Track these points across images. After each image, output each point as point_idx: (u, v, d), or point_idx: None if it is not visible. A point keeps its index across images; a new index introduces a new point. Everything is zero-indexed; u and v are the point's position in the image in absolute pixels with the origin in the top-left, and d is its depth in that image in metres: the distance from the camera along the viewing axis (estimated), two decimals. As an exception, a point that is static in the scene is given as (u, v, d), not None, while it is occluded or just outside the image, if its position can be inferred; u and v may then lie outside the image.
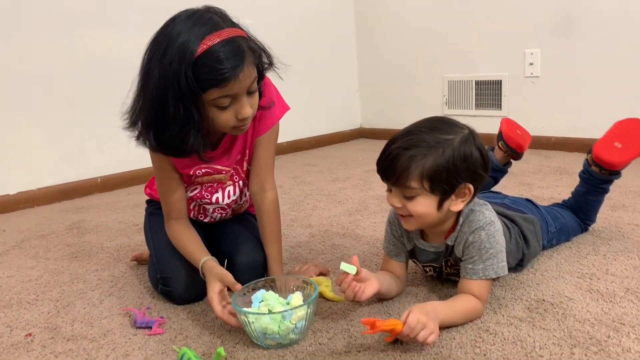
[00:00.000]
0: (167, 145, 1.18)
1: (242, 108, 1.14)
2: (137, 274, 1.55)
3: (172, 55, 1.06)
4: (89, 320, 1.28)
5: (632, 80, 2.57)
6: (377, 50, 3.63)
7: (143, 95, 1.14)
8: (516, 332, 1.08)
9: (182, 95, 1.08)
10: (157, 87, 1.08)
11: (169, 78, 1.07)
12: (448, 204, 1.12)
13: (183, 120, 1.11)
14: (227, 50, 1.07)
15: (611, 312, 1.13)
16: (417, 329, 0.99)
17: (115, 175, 2.70)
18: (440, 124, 1.12)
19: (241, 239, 1.40)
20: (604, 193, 1.54)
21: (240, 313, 1.08)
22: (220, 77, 1.06)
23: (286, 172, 2.83)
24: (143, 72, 1.13)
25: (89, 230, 2.03)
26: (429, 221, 1.15)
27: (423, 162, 1.07)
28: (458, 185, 1.10)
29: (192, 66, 1.06)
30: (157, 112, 1.11)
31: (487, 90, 3.09)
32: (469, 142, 1.10)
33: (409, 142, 1.09)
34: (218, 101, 1.11)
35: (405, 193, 1.11)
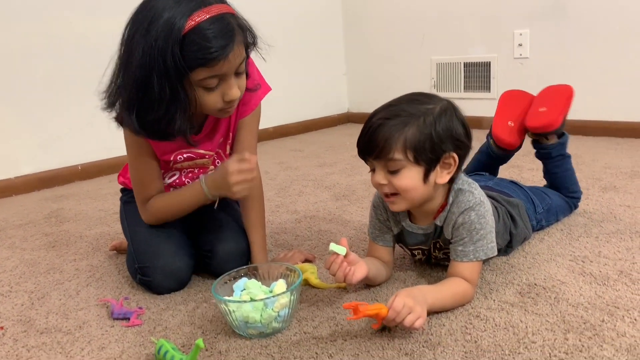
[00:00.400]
0: (152, 128, 1.11)
1: (230, 89, 1.08)
2: (117, 263, 1.50)
3: (158, 31, 1.00)
4: (65, 312, 1.22)
5: (621, 60, 2.53)
6: (365, 32, 3.56)
7: (125, 73, 1.06)
8: (508, 317, 1.04)
9: (168, 74, 1.01)
10: (140, 65, 1.01)
11: (154, 56, 1.00)
12: (434, 176, 1.08)
13: (169, 100, 1.04)
14: (216, 27, 1.01)
15: (605, 295, 1.09)
16: (403, 314, 0.95)
17: (96, 162, 2.63)
18: (419, 96, 1.11)
19: (222, 226, 1.35)
20: (566, 159, 1.53)
21: (220, 302, 1.04)
22: (209, 57, 1.01)
23: (272, 157, 2.77)
24: (124, 49, 1.06)
25: (68, 219, 1.97)
26: (416, 196, 1.10)
27: (405, 131, 1.04)
28: (442, 154, 1.07)
29: (179, 44, 0.99)
30: (140, 92, 1.04)
31: (476, 72, 3.05)
32: (449, 110, 1.08)
33: (389, 113, 1.07)
34: (205, 82, 1.05)
35: (390, 167, 1.07)
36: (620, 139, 2.53)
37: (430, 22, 3.19)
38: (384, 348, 0.97)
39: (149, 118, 1.08)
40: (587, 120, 2.68)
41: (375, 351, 0.96)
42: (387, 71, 3.48)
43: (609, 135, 2.60)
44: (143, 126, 1.10)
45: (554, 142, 1.51)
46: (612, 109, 2.60)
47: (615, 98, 2.59)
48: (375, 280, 1.20)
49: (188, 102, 1.07)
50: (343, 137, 3.24)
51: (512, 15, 2.84)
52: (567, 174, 1.55)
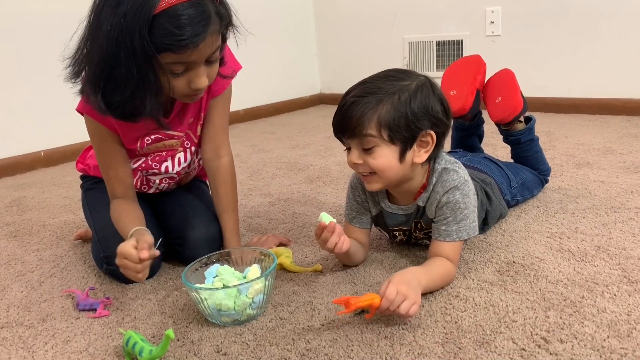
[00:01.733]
0: (117, 109, 1.03)
1: (198, 77, 1.01)
2: (83, 252, 1.43)
3: (127, 6, 0.91)
4: (27, 304, 1.16)
5: (592, 38, 2.54)
6: (336, 11, 3.50)
7: (91, 45, 0.98)
8: (487, 296, 1.02)
9: (135, 54, 0.93)
10: (107, 40, 0.93)
11: (122, 33, 0.92)
12: (411, 155, 1.05)
13: (136, 82, 0.97)
14: (191, 13, 0.93)
15: (583, 271, 1.08)
16: (397, 301, 0.92)
17: (60, 148, 2.53)
18: (395, 72, 1.07)
19: (192, 211, 1.30)
20: (535, 142, 1.53)
21: (191, 290, 0.99)
22: (177, 43, 0.93)
23: (243, 140, 2.71)
24: (93, 18, 0.97)
25: (30, 207, 1.89)
26: (392, 176, 1.06)
27: (379, 108, 1.00)
28: (419, 132, 1.03)
29: (148, 25, 0.91)
30: (107, 69, 0.96)
31: (448, 50, 3.02)
32: (425, 87, 1.04)
33: (363, 90, 1.03)
34: (171, 66, 0.98)
35: (364, 145, 1.03)
36: (591, 116, 2.54)
37: (402, 1, 3.15)
38: (363, 332, 0.94)
39: (115, 98, 1.00)
40: (558, 98, 2.69)
41: (354, 335, 0.93)
42: (359, 51, 3.43)
43: (580, 112, 2.61)
44: (109, 106, 1.02)
45: (522, 128, 1.51)
46: (584, 86, 2.61)
47: (586, 75, 2.60)
48: (353, 259, 1.17)
49: (159, 85, 1.00)
50: (316, 119, 3.19)
51: (484, -8, 2.82)
52: (537, 155, 1.55)
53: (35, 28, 2.37)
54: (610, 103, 2.53)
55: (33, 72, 2.40)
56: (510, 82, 1.52)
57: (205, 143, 1.27)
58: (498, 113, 1.49)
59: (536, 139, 1.54)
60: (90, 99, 1.03)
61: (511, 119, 1.48)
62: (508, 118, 1.48)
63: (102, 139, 1.17)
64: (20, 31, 2.34)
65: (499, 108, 1.49)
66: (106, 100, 1.01)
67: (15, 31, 2.33)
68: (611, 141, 2.06)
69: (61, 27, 2.52)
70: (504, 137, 1.56)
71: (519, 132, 1.51)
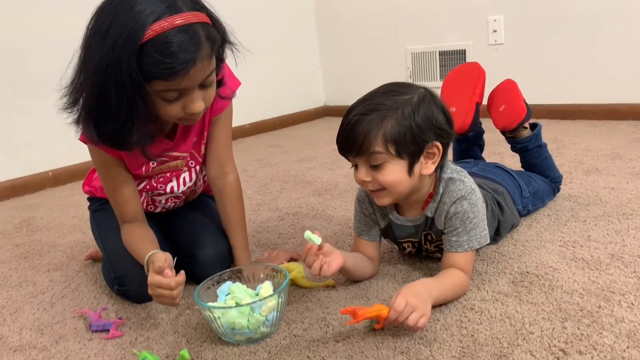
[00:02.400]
0: (110, 139, 1.03)
1: (192, 103, 1.00)
2: (93, 272, 1.43)
3: (115, 37, 0.90)
4: (39, 326, 1.16)
5: (595, 44, 2.53)
6: (338, 24, 3.52)
7: (84, 77, 0.98)
8: (503, 308, 1.01)
9: (124, 84, 0.92)
10: (97, 71, 0.93)
11: (110, 64, 0.91)
12: (418, 168, 1.05)
13: (126, 112, 0.96)
14: (179, 39, 0.91)
15: (599, 280, 1.07)
16: (405, 313, 0.92)
17: (67, 167, 2.53)
18: (394, 86, 1.07)
19: (201, 229, 1.30)
20: (543, 148, 1.52)
21: (204, 309, 0.98)
22: (165, 71, 0.92)
23: (250, 154, 2.72)
24: (84, 48, 0.97)
25: (40, 227, 1.89)
26: (402, 190, 1.06)
27: (384, 125, 1.00)
28: (425, 144, 1.03)
29: (136, 54, 0.90)
30: (98, 100, 0.96)
31: (452, 60, 3.02)
32: (427, 99, 1.04)
33: (366, 108, 1.02)
34: (164, 94, 0.97)
35: (372, 161, 1.03)
36: (597, 122, 2.53)
37: (404, 11, 3.16)
38: (378, 347, 0.93)
39: (107, 128, 1.00)
40: (564, 104, 2.68)
41: (370, 351, 0.92)
42: (362, 63, 3.44)
43: (586, 119, 2.60)
44: (101, 136, 1.02)
45: (528, 134, 1.50)
46: (589, 92, 2.60)
47: (591, 81, 2.59)
48: (357, 273, 1.16)
49: (148, 114, 1.00)
50: (321, 131, 3.19)
51: (486, 1, 2.82)
52: (546, 162, 1.54)
53: (42, 49, 2.39)
54: (616, 108, 2.52)
55: (39, 93, 2.41)
56: (513, 90, 1.52)
57: (210, 161, 1.27)
58: (502, 120, 1.49)
59: (544, 145, 1.53)
60: (84, 130, 1.03)
61: (515, 125, 1.48)
62: (512, 124, 1.48)
63: (108, 167, 1.17)
64: (27, 52, 2.36)
65: (502, 115, 1.49)
66: (98, 130, 1.01)
67: (22, 52, 2.35)
68: (619, 147, 2.05)
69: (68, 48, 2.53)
70: (512, 145, 1.55)
71: (525, 139, 1.51)
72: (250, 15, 3.11)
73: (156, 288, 1.00)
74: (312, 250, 1.03)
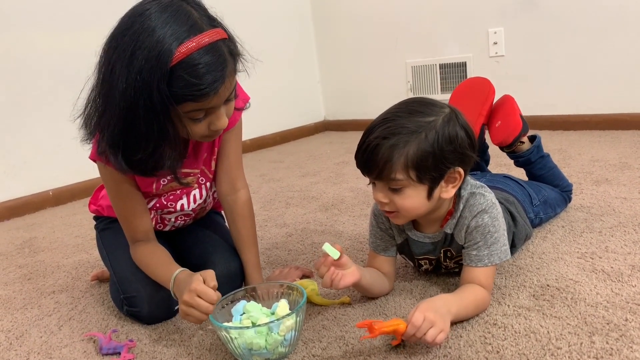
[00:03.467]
0: (139, 167, 1.01)
1: (219, 120, 0.99)
2: (100, 293, 1.40)
3: (142, 63, 0.88)
4: (47, 350, 1.12)
5: (596, 54, 2.54)
6: (337, 38, 3.52)
7: (107, 106, 0.95)
8: (527, 323, 0.98)
9: (155, 109, 0.90)
10: (124, 99, 0.90)
11: (139, 90, 0.89)
12: (438, 192, 1.02)
13: (157, 137, 0.95)
14: (207, 60, 0.90)
15: (622, 292, 1.05)
16: (424, 328, 0.89)
17: (68, 186, 2.51)
18: (418, 105, 1.02)
19: (211, 247, 1.27)
20: (546, 159, 1.51)
21: (220, 329, 0.95)
22: (197, 93, 0.91)
23: (252, 170, 2.69)
24: (104, 78, 0.94)
25: (42, 248, 1.86)
26: (419, 213, 1.05)
27: (406, 150, 0.97)
28: (447, 170, 1.00)
29: (167, 78, 0.89)
30: (125, 129, 0.94)
31: (452, 72, 3.03)
32: (452, 121, 1.00)
33: (387, 130, 0.98)
34: (192, 114, 0.95)
35: (391, 185, 1.00)
36: (601, 132, 2.52)
37: (403, 25, 3.16)
38: (402, 366, 0.90)
39: (137, 157, 0.98)
40: (567, 115, 2.68)
41: (393, 370, 0.90)
42: (362, 77, 3.44)
43: (590, 129, 2.60)
44: (130, 165, 1.00)
45: (528, 147, 1.49)
46: (591, 102, 2.60)
47: (594, 91, 2.59)
48: (372, 290, 1.14)
49: (177, 136, 0.98)
50: (323, 146, 3.18)
51: (486, 13, 2.83)
52: (553, 172, 1.52)
53: (41, 67, 2.37)
54: (619, 118, 2.51)
55: (38, 111, 2.39)
56: (509, 105, 1.50)
57: (221, 177, 1.25)
58: (498, 136, 1.48)
59: (547, 155, 1.52)
60: (111, 160, 1.00)
61: (511, 140, 1.46)
62: (508, 139, 1.46)
63: (118, 185, 1.13)
64: (25, 71, 2.35)
65: (498, 131, 1.48)
66: (127, 159, 0.99)
67: (21, 71, 2.34)
68: (626, 156, 2.04)
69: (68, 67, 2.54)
70: (514, 160, 1.54)
71: (526, 152, 1.49)
72: (249, 30, 3.10)
73: (195, 296, 0.96)
74: (327, 261, 1.01)
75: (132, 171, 1.02)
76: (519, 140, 1.47)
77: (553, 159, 1.53)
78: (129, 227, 1.17)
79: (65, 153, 2.46)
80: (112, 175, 1.12)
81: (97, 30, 1.01)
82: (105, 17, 0.97)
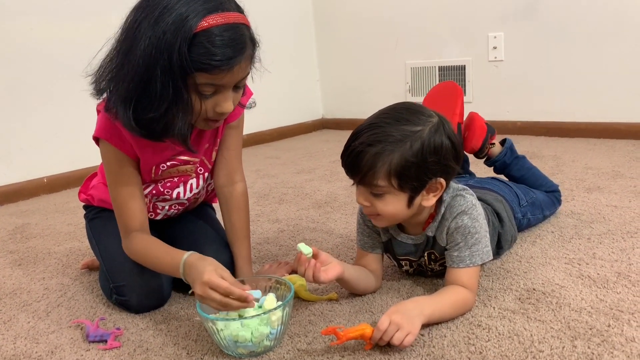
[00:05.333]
0: (148, 127, 1.01)
1: (225, 101, 1.00)
2: (90, 281, 1.40)
3: (168, 24, 0.91)
4: (34, 335, 1.13)
5: (595, 61, 2.55)
6: (337, 37, 3.52)
7: (124, 62, 0.96)
8: (511, 325, 0.99)
9: (172, 71, 0.92)
10: (144, 56, 0.92)
11: (160, 49, 0.91)
12: (419, 200, 1.04)
13: (171, 100, 0.96)
14: (228, 36, 0.93)
15: (607, 298, 1.06)
16: (390, 332, 0.91)
17: (63, 174, 2.50)
18: (406, 113, 1.02)
19: (202, 238, 1.27)
20: (522, 159, 1.53)
21: (207, 320, 0.96)
22: (213, 63, 0.93)
23: (248, 165, 2.68)
24: (127, 35, 0.96)
25: (34, 234, 1.86)
26: (399, 219, 1.08)
27: (390, 159, 0.98)
28: (428, 181, 1.02)
29: (188, 42, 0.91)
30: (140, 85, 0.95)
31: (451, 75, 3.03)
32: (439, 132, 1.01)
33: (373, 137, 0.99)
34: (202, 87, 0.97)
35: (373, 190, 1.02)
36: (596, 140, 2.54)
37: (404, 26, 3.17)
38: (385, 363, 0.91)
39: (147, 116, 0.98)
40: (563, 122, 2.69)
41: (376, 367, 0.90)
42: (361, 77, 3.45)
43: (585, 137, 2.61)
44: (138, 123, 1.00)
45: (500, 150, 1.51)
46: (588, 110, 2.61)
47: (590, 99, 2.61)
48: (358, 286, 1.14)
49: (191, 105, 0.99)
50: (319, 144, 3.18)
51: (486, 18, 2.84)
52: (532, 171, 1.54)
53: (37, 54, 2.37)
54: (615, 127, 2.53)
55: (35, 98, 2.39)
56: (473, 117, 1.51)
57: (219, 168, 1.25)
58: (467, 144, 1.49)
59: (522, 156, 1.54)
60: (120, 115, 1.00)
61: (481, 143, 1.47)
62: (477, 144, 1.48)
63: (121, 166, 1.12)
64: (22, 58, 2.34)
65: (466, 140, 1.50)
66: (137, 117, 0.99)
67: (17, 58, 2.33)
68: (619, 165, 2.05)
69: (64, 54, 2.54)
70: (492, 166, 1.55)
71: (500, 154, 1.51)
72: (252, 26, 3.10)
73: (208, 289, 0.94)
74: (301, 260, 1.02)
75: (139, 130, 1.01)
76: (488, 142, 1.49)
77: (547, 165, 1.55)
78: (125, 215, 1.14)
79: (61, 141, 2.46)
80: (116, 156, 1.11)
81: (96, 20, 1.02)
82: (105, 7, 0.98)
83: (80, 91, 1.11)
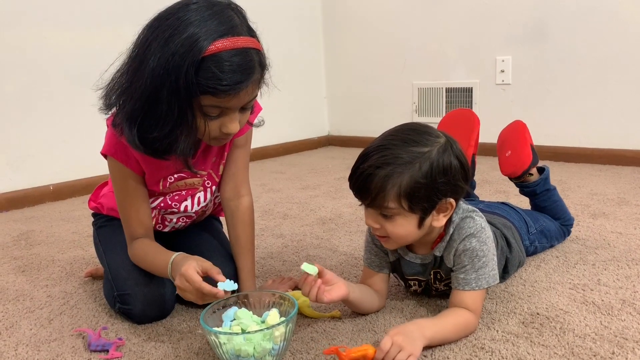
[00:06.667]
0: (152, 146, 1.02)
1: (231, 123, 1.02)
2: (93, 290, 1.40)
3: (177, 45, 0.93)
4: (36, 343, 1.13)
5: (602, 87, 2.56)
6: (346, 56, 3.55)
7: (133, 79, 0.98)
8: (514, 349, 0.99)
9: (178, 92, 0.94)
10: (152, 76, 0.94)
11: (168, 70, 0.93)
12: (429, 221, 1.04)
13: (176, 120, 0.97)
14: (236, 61, 0.94)
15: (611, 325, 1.05)
16: (392, 353, 0.91)
17: (69, 182, 2.52)
18: (414, 134, 1.02)
19: (208, 251, 1.27)
20: (552, 192, 1.51)
21: (209, 333, 0.96)
22: (219, 88, 0.94)
23: (253, 179, 2.67)
24: (137, 52, 0.98)
25: (38, 241, 1.86)
26: (409, 240, 1.08)
27: (399, 181, 0.98)
28: (438, 201, 1.02)
29: (196, 65, 0.92)
30: (146, 105, 0.97)
31: (458, 97, 3.05)
32: (447, 152, 1.01)
33: (382, 160, 0.99)
34: (207, 109, 0.98)
35: (383, 212, 1.02)
36: (602, 166, 2.54)
37: (412, 47, 3.20)
38: (387, 383, 0.91)
39: (151, 135, 1.00)
40: (569, 147, 2.69)
41: (378, 387, 0.90)
42: (368, 95, 3.47)
43: (591, 162, 2.61)
44: (142, 142, 1.02)
45: (536, 179, 1.49)
46: (594, 136, 2.62)
47: (597, 125, 2.62)
48: (362, 306, 1.14)
49: (195, 126, 1.00)
50: (325, 160, 3.19)
51: (494, 41, 2.86)
52: (556, 205, 1.52)
53: (51, 63, 2.40)
54: (621, 154, 2.53)
55: (45, 106, 2.41)
56: (520, 135, 1.51)
57: (226, 182, 1.26)
58: (508, 167, 1.48)
59: (553, 188, 1.52)
60: (125, 132, 1.02)
61: (520, 173, 1.46)
62: (517, 172, 1.46)
63: (126, 181, 1.15)
64: (36, 66, 2.37)
65: (508, 162, 1.48)
66: (141, 135, 1.01)
67: (31, 66, 2.36)
68: (625, 192, 2.05)
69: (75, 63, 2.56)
70: (520, 189, 1.54)
71: (533, 183, 1.49)
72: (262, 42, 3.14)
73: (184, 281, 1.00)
74: (307, 280, 1.02)
75: (143, 148, 1.03)
76: (528, 172, 1.47)
77: (557, 191, 1.53)
78: (130, 223, 1.18)
79: (68, 149, 2.48)
80: (121, 172, 1.14)
81: (109, 30, 1.03)
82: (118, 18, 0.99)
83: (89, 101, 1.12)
